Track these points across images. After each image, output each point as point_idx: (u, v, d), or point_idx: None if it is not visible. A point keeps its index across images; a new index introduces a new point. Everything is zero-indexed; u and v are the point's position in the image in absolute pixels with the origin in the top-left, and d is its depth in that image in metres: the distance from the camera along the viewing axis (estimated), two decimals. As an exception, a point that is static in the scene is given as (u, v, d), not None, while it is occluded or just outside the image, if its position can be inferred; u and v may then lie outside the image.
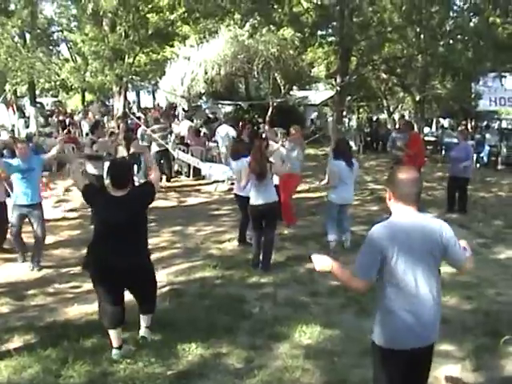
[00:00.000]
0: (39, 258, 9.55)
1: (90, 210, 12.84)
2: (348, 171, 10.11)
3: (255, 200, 9.23)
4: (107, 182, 6.26)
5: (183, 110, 28.00)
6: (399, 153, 14.97)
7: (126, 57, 21.53)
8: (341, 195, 10.18)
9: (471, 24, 23.25)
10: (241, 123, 23.59)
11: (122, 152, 14.66)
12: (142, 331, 6.49)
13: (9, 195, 10.23)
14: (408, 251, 3.96)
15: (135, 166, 16.43)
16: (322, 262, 4.29)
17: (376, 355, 4.30)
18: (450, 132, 28.85)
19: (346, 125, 31.88)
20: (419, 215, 4.07)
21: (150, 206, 6.37)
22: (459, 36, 23.25)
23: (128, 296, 6.40)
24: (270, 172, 9.15)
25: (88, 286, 8.39)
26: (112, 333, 6.15)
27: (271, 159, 9.71)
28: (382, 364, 4.24)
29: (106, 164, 11.44)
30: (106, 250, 5.99)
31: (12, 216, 9.46)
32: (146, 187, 6.64)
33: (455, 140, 23.22)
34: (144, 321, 6.52)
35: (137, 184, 15.92)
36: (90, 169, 12.22)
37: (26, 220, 9.53)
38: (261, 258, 9.33)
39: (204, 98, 30.64)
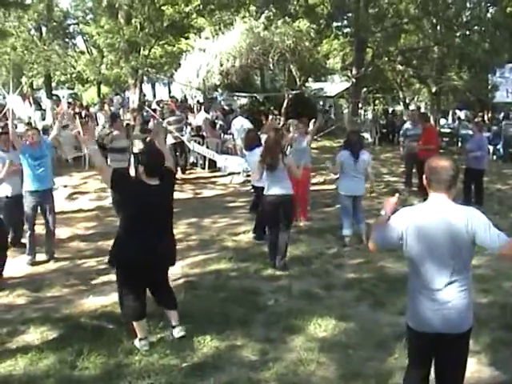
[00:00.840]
0: (52, 249, 9.60)
1: (108, 201, 13.06)
2: (352, 162, 10.04)
3: (268, 190, 9.01)
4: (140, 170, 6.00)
5: (198, 102, 27.98)
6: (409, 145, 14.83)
7: (142, 49, 21.52)
8: (347, 186, 10.14)
9: (488, 15, 23.13)
10: (263, 116, 23.36)
11: (139, 144, 14.68)
12: (178, 331, 6.38)
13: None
14: (425, 237, 4.12)
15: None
16: (387, 208, 4.47)
17: (406, 333, 4.61)
18: (467, 124, 28.61)
19: (362, 117, 31.79)
20: (446, 203, 4.17)
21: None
22: (476, 27, 23.16)
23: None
24: (282, 163, 8.91)
25: (104, 278, 8.50)
26: (137, 324, 6.15)
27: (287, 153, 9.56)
28: (408, 342, 4.66)
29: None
30: (142, 242, 5.83)
31: (26, 207, 9.39)
32: (172, 176, 6.58)
33: (471, 132, 23.12)
34: (175, 318, 6.41)
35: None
36: (114, 162, 11.80)
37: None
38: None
39: (219, 90, 30.64)
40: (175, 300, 6.50)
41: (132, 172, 12.44)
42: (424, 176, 4.31)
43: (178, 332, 6.34)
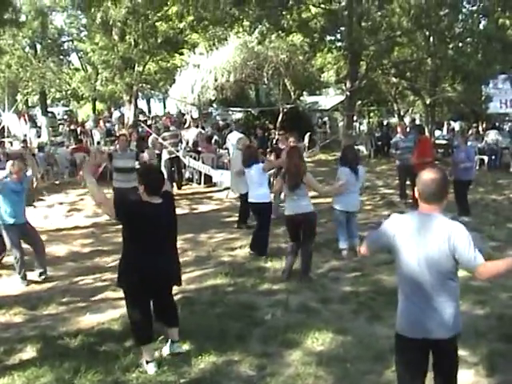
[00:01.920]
0: (45, 265, 9.57)
1: (105, 218, 13.06)
2: (353, 179, 10.11)
3: (289, 210, 9.05)
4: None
5: (191, 117, 28.05)
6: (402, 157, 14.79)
7: (136, 65, 21.62)
8: (345, 202, 10.18)
9: (480, 26, 23.24)
10: (259, 130, 23.29)
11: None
12: (176, 346, 6.37)
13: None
14: (412, 246, 4.21)
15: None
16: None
17: (395, 341, 4.55)
18: (466, 135, 28.75)
19: (357, 129, 31.87)
20: (434, 215, 4.23)
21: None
22: (468, 39, 23.26)
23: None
24: (303, 181, 8.94)
25: (100, 295, 8.48)
26: (147, 348, 6.10)
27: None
28: (396, 350, 4.57)
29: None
30: (153, 261, 5.79)
31: (8, 238, 9.30)
32: (171, 195, 6.60)
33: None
34: (175, 335, 6.39)
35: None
36: (120, 182, 11.80)
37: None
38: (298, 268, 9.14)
39: (214, 105, 30.73)
40: (177, 317, 6.47)
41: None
42: (416, 188, 4.35)
43: (176, 347, 6.32)
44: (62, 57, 32.84)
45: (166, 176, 15.79)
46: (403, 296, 4.37)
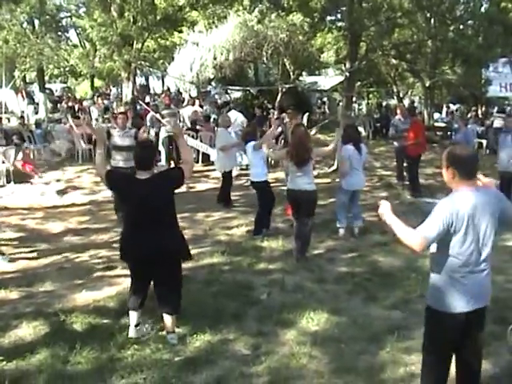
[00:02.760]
0: None
1: (102, 195, 13.07)
2: (357, 156, 10.15)
3: (290, 184, 9.18)
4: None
5: (189, 96, 27.92)
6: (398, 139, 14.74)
7: (135, 42, 21.45)
8: (351, 181, 10.22)
9: (482, 9, 23.12)
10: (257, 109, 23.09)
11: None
12: (169, 338, 6.22)
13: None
14: (477, 222, 4.25)
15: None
16: (383, 209, 4.46)
17: (431, 318, 4.59)
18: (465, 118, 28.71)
19: (356, 110, 31.80)
20: (481, 189, 4.37)
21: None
22: (470, 21, 23.14)
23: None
24: (310, 160, 9.02)
25: (97, 272, 8.49)
26: (130, 314, 6.29)
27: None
28: (436, 327, 4.55)
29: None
30: (140, 236, 5.87)
31: None
32: (174, 171, 6.66)
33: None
34: (169, 325, 6.23)
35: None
36: (118, 162, 11.40)
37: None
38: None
39: (213, 83, 30.60)
40: (176, 306, 6.27)
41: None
42: (448, 167, 4.36)
43: (169, 339, 6.21)
44: (60, 33, 32.49)
45: (163, 154, 15.73)
46: (457, 274, 4.35)
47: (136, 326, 6.25)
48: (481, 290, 4.41)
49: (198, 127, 19.99)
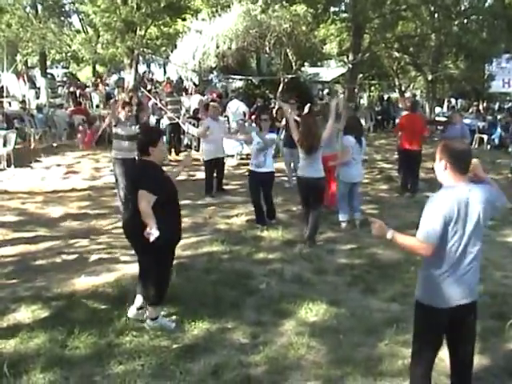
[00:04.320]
0: None
1: (102, 181, 13.05)
2: (358, 147, 10.16)
3: (301, 171, 9.36)
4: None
5: (194, 84, 27.88)
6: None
7: (138, 29, 21.44)
8: (351, 173, 10.22)
9: (486, 4, 23.08)
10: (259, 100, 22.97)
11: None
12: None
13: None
14: (467, 218, 4.24)
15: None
16: (379, 229, 4.41)
17: (419, 313, 4.62)
18: (462, 113, 28.65)
19: (357, 103, 31.76)
20: (472, 184, 4.33)
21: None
22: (474, 16, 23.11)
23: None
24: (320, 148, 9.17)
25: (96, 258, 8.48)
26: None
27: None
28: (424, 321, 4.59)
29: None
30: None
31: None
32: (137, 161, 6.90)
33: (466, 121, 23.07)
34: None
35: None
36: (125, 152, 10.78)
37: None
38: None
39: (215, 72, 30.51)
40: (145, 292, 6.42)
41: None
42: (441, 161, 4.33)
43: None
44: (63, 18, 32.31)
45: (165, 142, 15.65)
46: (445, 268, 4.33)
47: (138, 308, 6.29)
48: (466, 286, 4.36)
49: (199, 115, 19.94)
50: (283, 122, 14.76)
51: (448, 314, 4.38)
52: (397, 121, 14.64)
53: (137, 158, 9.21)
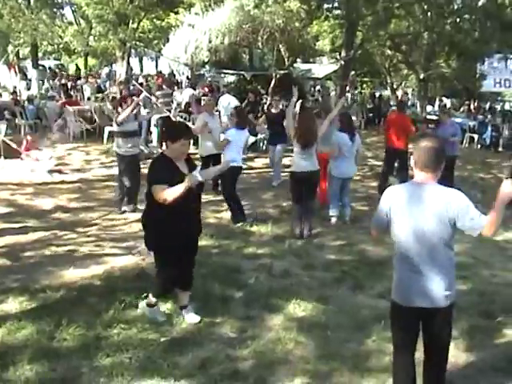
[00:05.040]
0: None
1: (92, 174, 12.99)
2: (349, 143, 10.18)
3: (296, 167, 9.35)
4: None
5: (187, 78, 27.85)
6: None
7: (130, 22, 21.36)
8: (342, 169, 10.24)
9: (479, 3, 23.12)
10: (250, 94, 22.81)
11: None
12: (191, 316, 6.28)
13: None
14: (406, 215, 4.23)
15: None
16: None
17: (392, 311, 4.60)
18: (453, 112, 28.69)
19: (349, 100, 31.79)
20: (429, 184, 4.23)
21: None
22: (467, 15, 23.13)
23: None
24: (315, 143, 9.25)
25: (85, 250, 8.46)
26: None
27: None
28: (391, 317, 4.61)
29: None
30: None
31: None
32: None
33: (457, 120, 23.09)
34: (186, 298, 6.40)
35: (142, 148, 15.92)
36: (131, 149, 10.56)
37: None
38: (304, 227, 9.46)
39: (207, 66, 30.50)
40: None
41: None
42: (412, 157, 4.34)
43: (192, 317, 6.26)
44: (55, 9, 32.23)
45: (155, 135, 15.67)
46: (398, 266, 4.41)
47: (152, 305, 6.26)
48: (419, 290, 4.28)
49: (190, 109, 19.91)
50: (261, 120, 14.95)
51: (408, 313, 4.41)
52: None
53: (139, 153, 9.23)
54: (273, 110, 14.73)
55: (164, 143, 5.95)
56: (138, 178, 10.33)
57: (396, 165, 13.48)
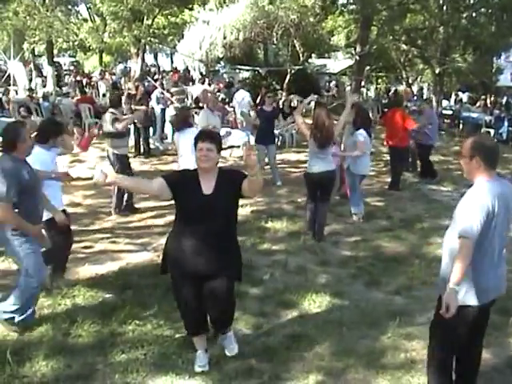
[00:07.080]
0: None
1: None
2: (369, 141, 10.18)
3: (313, 168, 8.96)
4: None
5: (200, 74, 27.87)
6: None
7: (145, 18, 21.39)
8: (362, 166, 10.15)
9: (495, -3, 22.91)
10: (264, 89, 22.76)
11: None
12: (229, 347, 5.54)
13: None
14: (502, 213, 4.23)
15: (150, 128, 16.40)
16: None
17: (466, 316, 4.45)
18: (469, 106, 28.52)
19: (364, 95, 31.70)
20: (501, 180, 4.39)
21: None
22: (483, 9, 22.96)
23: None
24: (332, 142, 8.97)
25: (100, 247, 8.49)
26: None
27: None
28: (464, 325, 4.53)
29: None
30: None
31: None
32: None
33: (473, 114, 22.93)
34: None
35: (152, 147, 15.92)
36: (125, 148, 10.76)
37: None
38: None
39: (222, 62, 30.51)
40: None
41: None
42: (473, 157, 4.23)
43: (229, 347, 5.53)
44: (70, 7, 32.33)
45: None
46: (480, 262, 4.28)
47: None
48: (497, 282, 4.49)
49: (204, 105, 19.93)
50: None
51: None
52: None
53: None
54: (265, 108, 13.67)
55: None
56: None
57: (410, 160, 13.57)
